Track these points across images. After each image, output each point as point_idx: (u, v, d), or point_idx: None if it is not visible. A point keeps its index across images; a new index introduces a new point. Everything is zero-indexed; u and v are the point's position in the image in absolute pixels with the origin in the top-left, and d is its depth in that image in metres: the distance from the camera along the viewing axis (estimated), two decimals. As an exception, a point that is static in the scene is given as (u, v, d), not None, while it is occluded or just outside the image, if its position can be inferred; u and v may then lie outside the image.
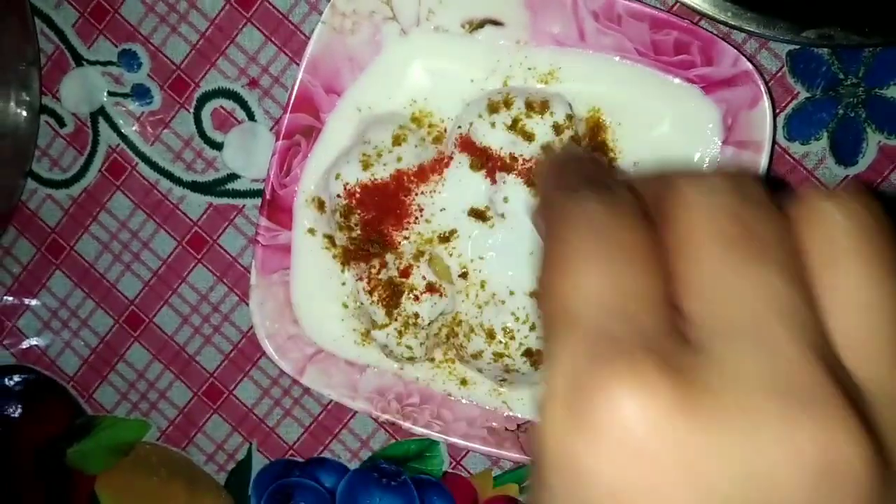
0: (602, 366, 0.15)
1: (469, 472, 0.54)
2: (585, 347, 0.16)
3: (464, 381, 0.50)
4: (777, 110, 0.48)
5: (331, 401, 0.54)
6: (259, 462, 0.56)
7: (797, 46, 0.47)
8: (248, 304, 0.49)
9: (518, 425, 0.50)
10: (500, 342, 0.46)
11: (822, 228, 0.17)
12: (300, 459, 0.56)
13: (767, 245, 0.17)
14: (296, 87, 0.46)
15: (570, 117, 0.45)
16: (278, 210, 0.48)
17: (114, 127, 0.54)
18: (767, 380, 0.15)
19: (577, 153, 0.41)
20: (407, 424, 0.49)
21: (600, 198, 0.19)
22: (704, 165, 0.46)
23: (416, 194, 0.46)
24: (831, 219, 0.17)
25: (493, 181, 0.45)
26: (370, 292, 0.46)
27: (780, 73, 0.48)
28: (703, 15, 0.44)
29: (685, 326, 0.17)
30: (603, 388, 0.15)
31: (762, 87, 0.43)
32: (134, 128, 0.54)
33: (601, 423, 0.15)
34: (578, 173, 0.21)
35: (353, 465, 0.55)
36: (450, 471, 0.54)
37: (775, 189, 0.19)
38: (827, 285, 0.17)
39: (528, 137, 0.45)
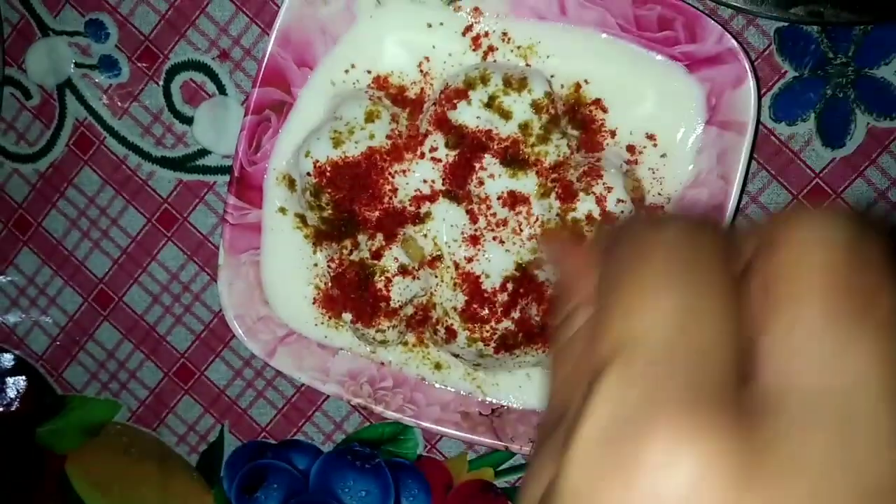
0: (660, 409, 0.13)
1: (444, 456, 0.53)
2: (644, 383, 0.14)
3: (437, 366, 0.49)
4: (763, 90, 0.47)
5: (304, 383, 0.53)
6: (231, 443, 0.55)
7: (786, 23, 0.46)
8: (218, 284, 0.48)
9: (492, 410, 0.49)
10: (474, 326, 0.44)
11: None
12: (273, 441, 0.55)
13: (880, 324, 0.14)
14: (265, 60, 0.45)
15: (549, 95, 0.43)
16: (248, 188, 0.47)
17: (81, 100, 0.52)
18: (842, 486, 0.13)
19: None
20: (379, 409, 0.48)
21: (681, 224, 0.17)
22: (687, 146, 0.45)
23: (389, 174, 0.44)
24: None
25: (469, 162, 0.44)
26: (336, 277, 0.45)
27: (767, 52, 0.47)
28: (688, -11, 0.43)
29: (752, 381, 0.14)
30: (657, 437, 0.13)
31: (747, 66, 0.42)
32: (102, 101, 0.52)
33: (645, 476, 0.13)
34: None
35: (327, 447, 0.54)
36: (424, 454, 0.53)
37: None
38: None
39: (506, 115, 0.43)
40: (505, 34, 0.45)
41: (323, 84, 0.46)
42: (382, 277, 0.45)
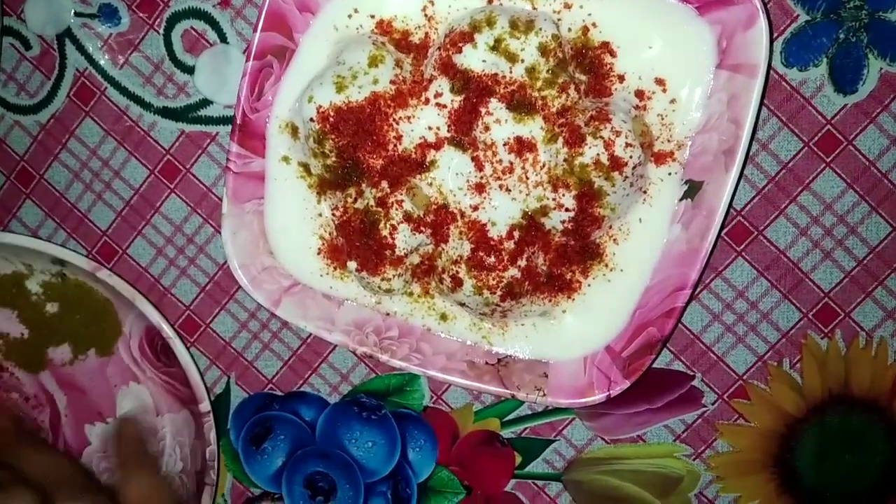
0: None
1: (450, 407, 0.54)
2: None
3: (443, 316, 0.48)
4: (775, 34, 0.46)
5: (310, 334, 0.53)
6: (238, 395, 0.56)
7: (799, -36, 0.45)
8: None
9: (498, 360, 0.49)
10: (480, 274, 0.44)
11: None
12: (279, 393, 0.55)
13: None
14: (266, 4, 0.44)
15: (556, 37, 0.42)
16: (250, 136, 0.46)
17: (81, 49, 0.51)
18: None
19: None
20: (385, 357, 0.48)
21: None
22: (697, 91, 0.44)
23: (394, 119, 0.44)
24: None
25: (475, 107, 0.43)
26: (341, 225, 0.45)
27: (779, -6, 0.46)
28: (699, -73, 0.42)
29: None
30: None
31: (758, 5, 0.41)
32: (102, 50, 0.51)
33: None
34: None
35: (334, 398, 0.55)
36: (430, 405, 0.54)
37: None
38: None
39: (512, 59, 0.42)
40: (511, -23, 0.44)
41: (325, 29, 0.46)
42: (388, 225, 0.44)
